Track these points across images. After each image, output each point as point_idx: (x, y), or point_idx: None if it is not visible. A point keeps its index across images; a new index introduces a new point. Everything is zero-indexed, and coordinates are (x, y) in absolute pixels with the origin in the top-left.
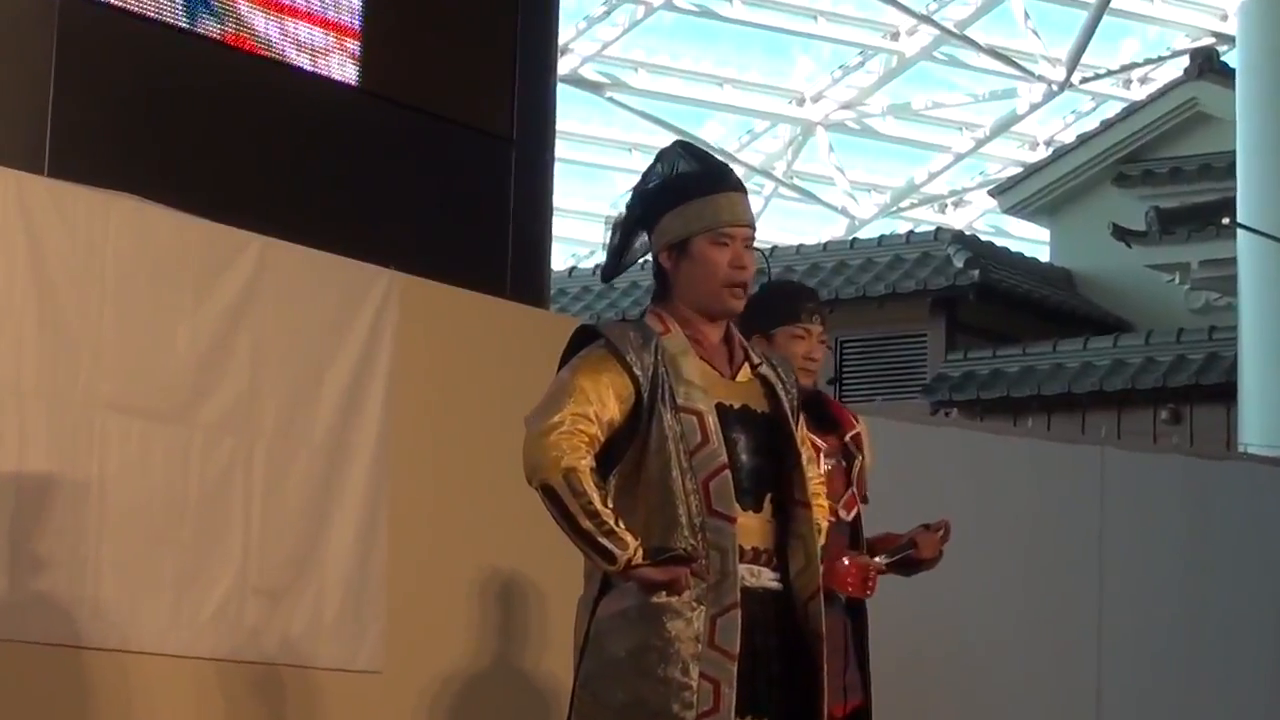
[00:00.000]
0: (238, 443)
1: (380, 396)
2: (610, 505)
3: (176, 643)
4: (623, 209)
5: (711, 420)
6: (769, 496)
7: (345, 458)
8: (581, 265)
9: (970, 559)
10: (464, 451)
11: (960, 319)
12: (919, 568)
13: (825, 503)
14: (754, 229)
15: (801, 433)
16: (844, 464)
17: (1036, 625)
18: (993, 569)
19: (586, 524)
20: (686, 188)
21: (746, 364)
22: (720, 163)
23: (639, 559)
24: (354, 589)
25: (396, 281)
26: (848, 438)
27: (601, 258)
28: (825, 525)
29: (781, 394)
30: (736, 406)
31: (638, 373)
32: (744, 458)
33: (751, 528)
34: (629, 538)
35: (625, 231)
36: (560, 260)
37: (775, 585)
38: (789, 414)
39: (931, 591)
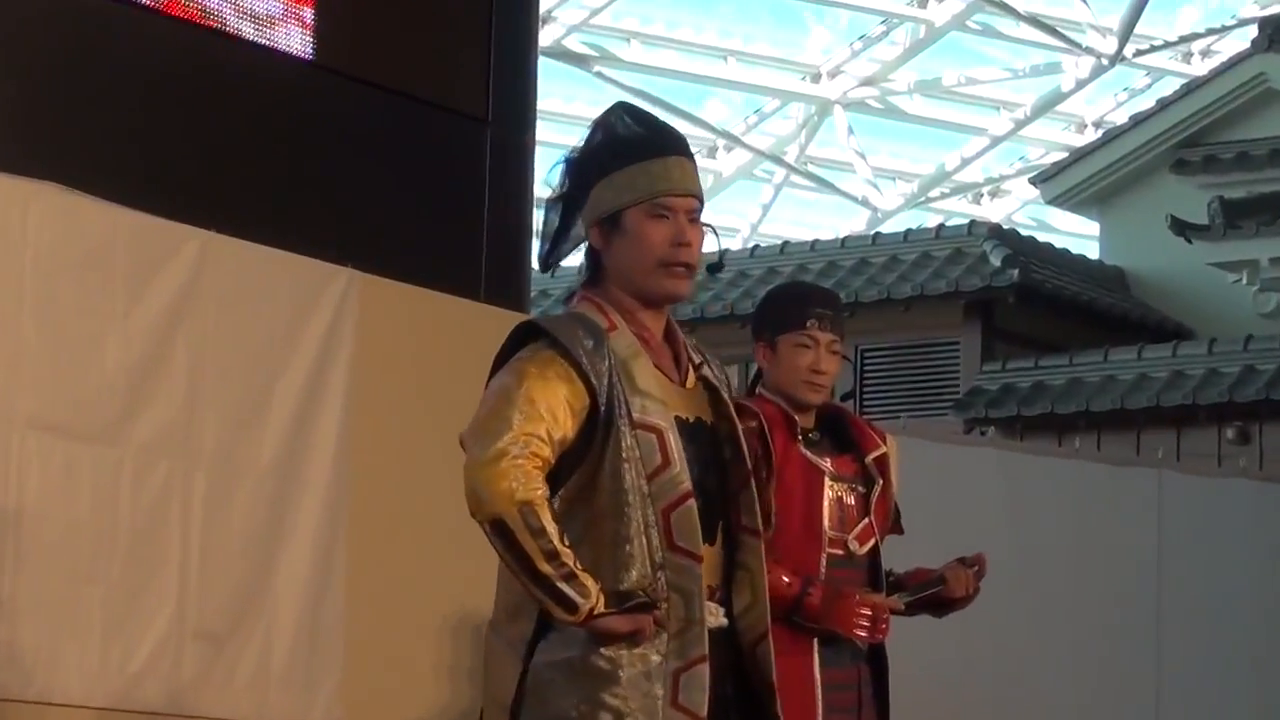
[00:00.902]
0: (174, 466)
1: (337, 413)
2: (568, 544)
3: (105, 694)
4: (555, 183)
5: (672, 438)
6: (721, 524)
7: (297, 482)
8: (567, 263)
9: (1010, 597)
10: (432, 475)
11: (998, 324)
12: (950, 608)
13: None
14: (700, 200)
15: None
16: (862, 490)
17: (1086, 665)
18: (1036, 607)
19: (545, 567)
20: (620, 153)
21: (691, 366)
22: (664, 125)
23: (601, 607)
24: (307, 633)
25: (356, 281)
26: (869, 459)
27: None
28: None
29: (727, 397)
30: (691, 420)
31: (595, 382)
32: (701, 480)
33: (710, 562)
34: (590, 583)
35: (563, 209)
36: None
37: (725, 622)
38: (738, 422)
39: (967, 631)
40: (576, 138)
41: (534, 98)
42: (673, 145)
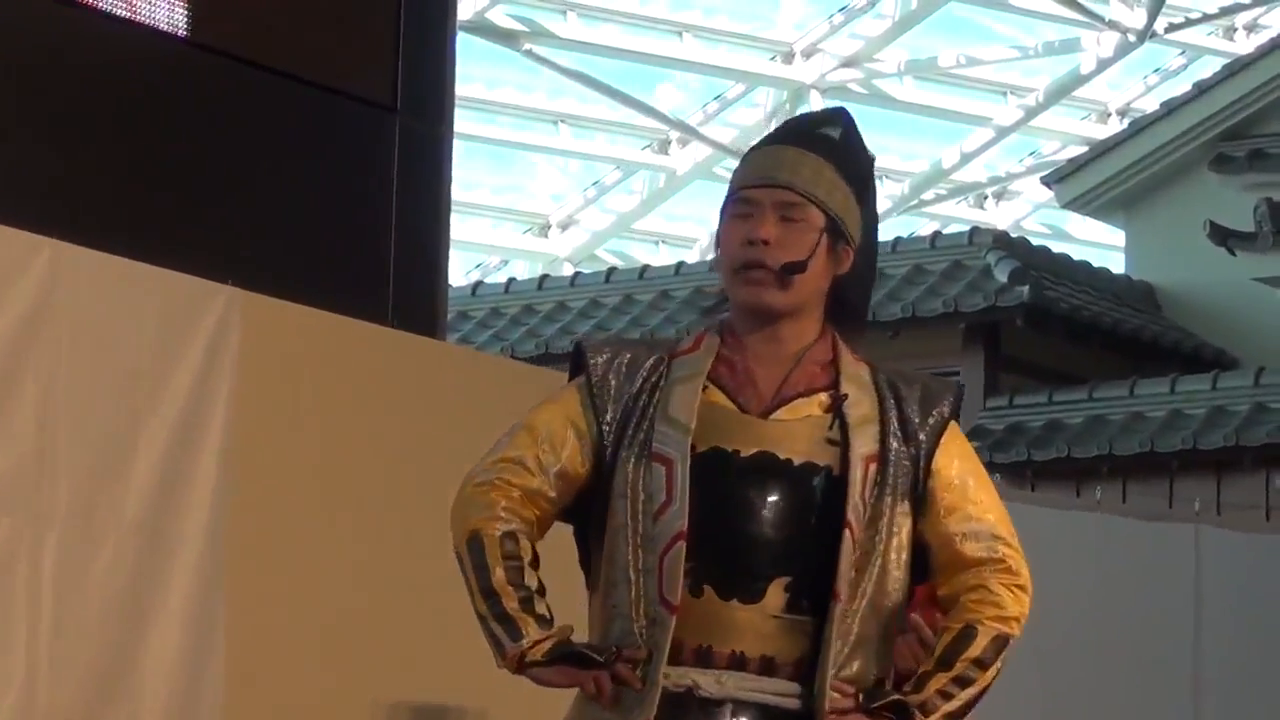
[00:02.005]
0: (20, 524)
1: (216, 458)
2: (528, 583)
3: None
4: None
5: (680, 471)
6: (786, 581)
7: (168, 540)
8: (491, 279)
9: (1022, 675)
10: (331, 528)
11: (1004, 351)
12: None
13: (999, 596)
14: (796, 190)
15: (948, 495)
16: None
17: None
18: (1053, 687)
19: (480, 606)
20: (749, 149)
21: (822, 394)
22: (808, 114)
23: (539, 655)
24: (181, 714)
25: (238, 301)
26: None
27: (520, 268)
28: (989, 630)
29: (857, 440)
30: (746, 453)
31: (603, 405)
32: (740, 524)
33: (740, 623)
34: (530, 626)
35: None
36: (461, 272)
37: (791, 703)
38: (854, 469)
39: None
40: (503, 129)
41: (452, 81)
42: (786, 132)
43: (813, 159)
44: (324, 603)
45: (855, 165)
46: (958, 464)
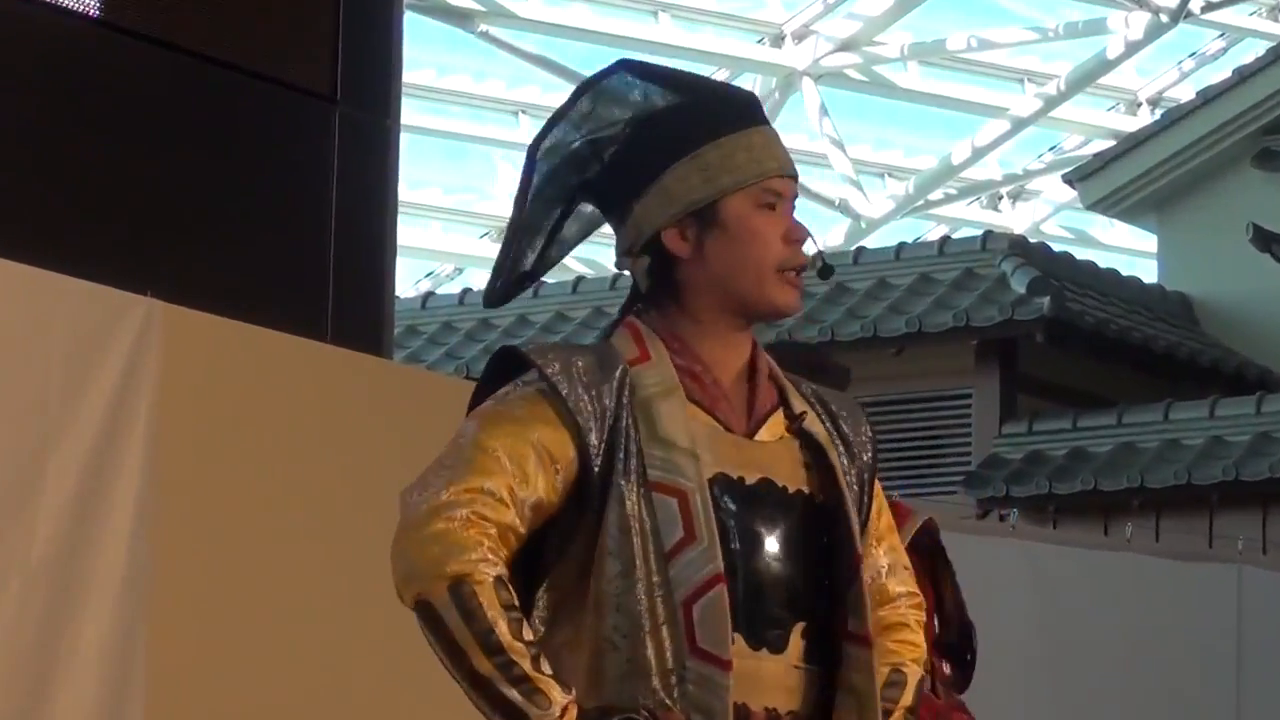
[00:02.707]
0: None
1: (134, 489)
2: (529, 638)
3: None
4: (544, 164)
5: (698, 502)
6: (802, 627)
7: (81, 582)
8: (444, 289)
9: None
10: (264, 563)
11: (1022, 371)
12: None
13: (917, 636)
14: (797, 181)
15: (879, 523)
16: None
17: None
18: None
19: (484, 666)
20: (704, 121)
21: (780, 411)
22: (727, 84)
23: None
24: None
25: (158, 314)
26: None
27: (476, 277)
28: (914, 673)
29: (836, 460)
30: (750, 480)
31: (586, 425)
32: (761, 564)
33: (769, 676)
34: (554, 690)
35: (564, 204)
36: (409, 281)
37: None
38: (846, 493)
39: None
40: (456, 121)
41: (398, 68)
42: (759, 110)
43: None
44: (254, 646)
45: None
46: (879, 486)
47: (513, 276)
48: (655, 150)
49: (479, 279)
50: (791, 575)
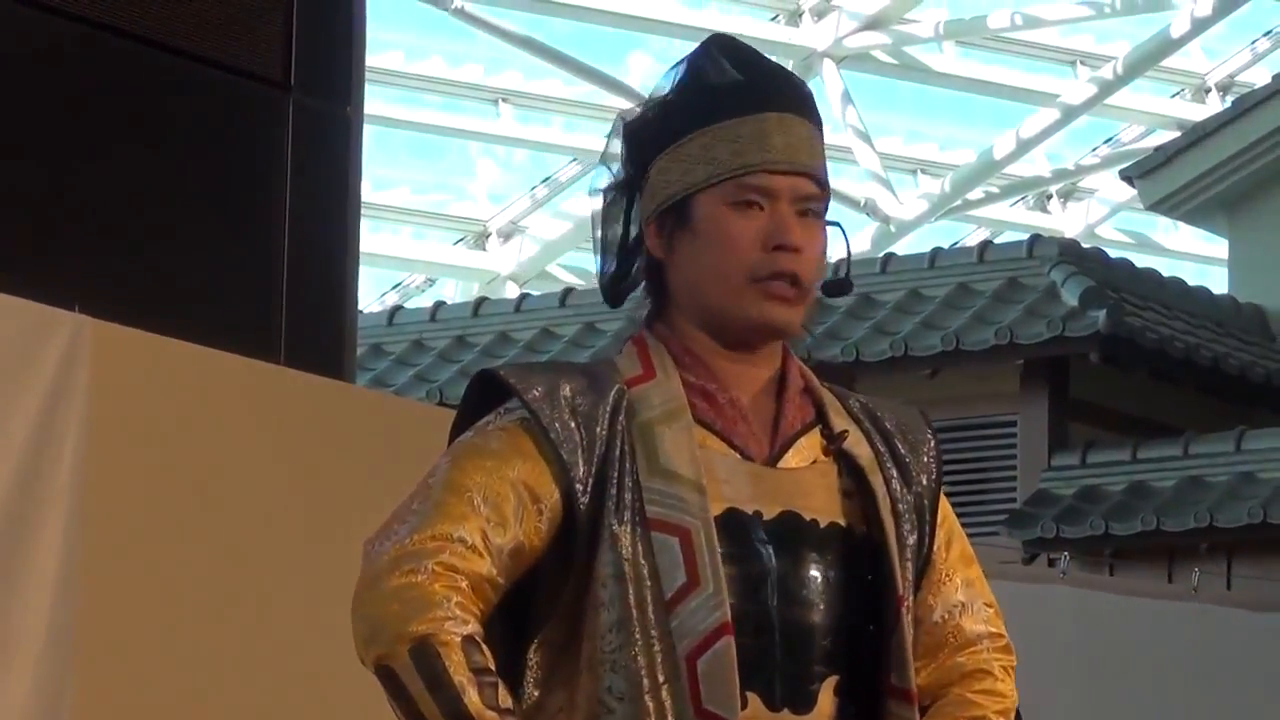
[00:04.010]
0: None
1: (63, 514)
2: (507, 704)
3: None
4: (613, 164)
5: (702, 541)
6: (835, 682)
7: (5, 610)
8: (414, 303)
9: None
10: (205, 597)
11: (1075, 395)
12: None
13: (1004, 685)
14: (819, 180)
15: (949, 554)
16: None
17: None
18: None
19: None
20: (693, 109)
21: (817, 431)
22: (775, 68)
23: None
24: None
25: (87, 331)
26: None
27: (449, 289)
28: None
29: (879, 485)
30: (769, 515)
31: (571, 459)
32: (779, 610)
33: None
34: None
35: (626, 204)
36: (375, 294)
37: None
38: (889, 524)
39: None
40: (430, 112)
41: (361, 52)
42: (779, 96)
43: (816, 132)
44: (189, 688)
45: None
46: (951, 512)
47: (612, 288)
48: (648, 140)
49: (452, 291)
50: (820, 623)
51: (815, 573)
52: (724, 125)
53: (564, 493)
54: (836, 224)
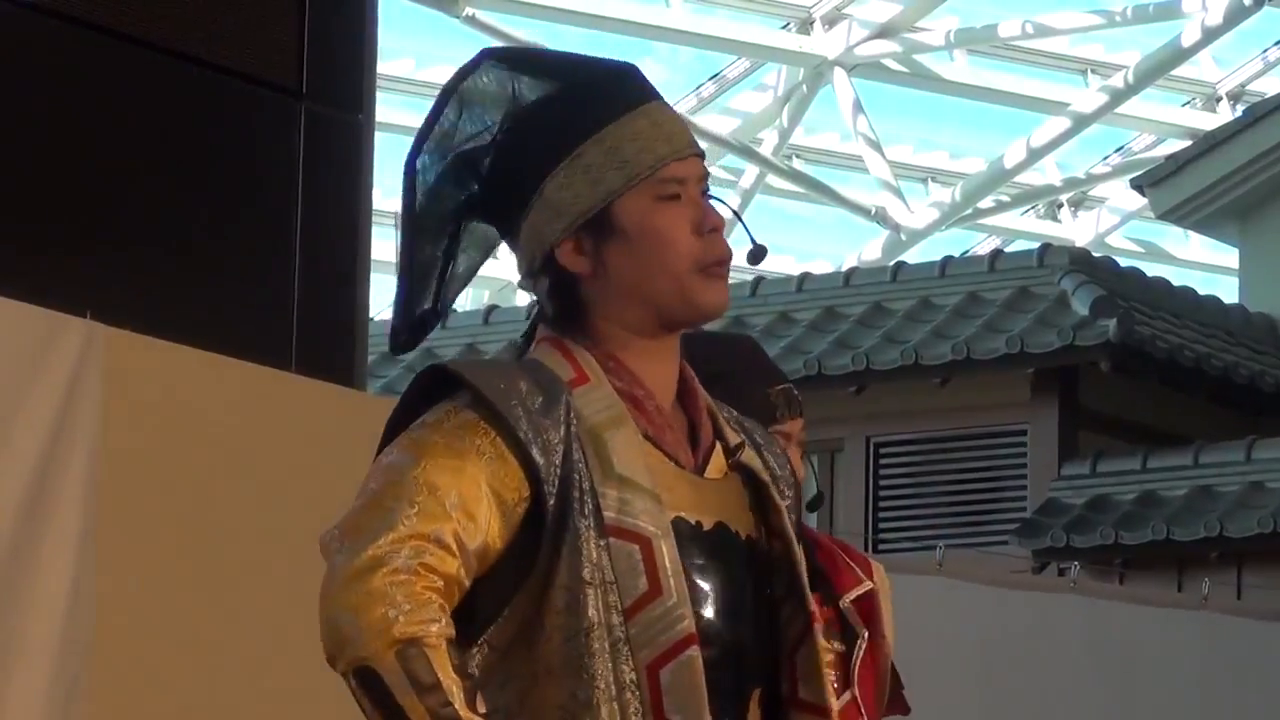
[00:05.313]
0: None
1: (77, 518)
2: (482, 710)
3: None
4: (419, 190)
5: (664, 552)
6: (758, 693)
7: (20, 618)
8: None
9: None
10: (213, 604)
11: (1085, 404)
12: None
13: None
14: (704, 158)
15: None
16: (839, 647)
17: None
18: None
19: None
20: (578, 117)
21: (719, 444)
22: (598, 59)
23: None
24: None
25: (99, 337)
26: (845, 603)
27: (462, 295)
28: None
29: (775, 495)
30: (707, 525)
31: (539, 459)
32: (720, 622)
33: None
34: None
35: (451, 234)
36: (383, 301)
37: None
38: (793, 540)
39: None
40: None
41: (373, 59)
42: (639, 86)
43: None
44: (200, 691)
45: None
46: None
47: (414, 320)
48: (531, 157)
49: (465, 297)
50: (750, 635)
51: (745, 586)
52: (616, 126)
53: (533, 494)
54: (721, 200)
